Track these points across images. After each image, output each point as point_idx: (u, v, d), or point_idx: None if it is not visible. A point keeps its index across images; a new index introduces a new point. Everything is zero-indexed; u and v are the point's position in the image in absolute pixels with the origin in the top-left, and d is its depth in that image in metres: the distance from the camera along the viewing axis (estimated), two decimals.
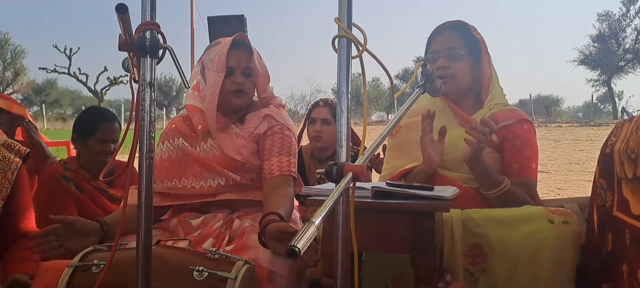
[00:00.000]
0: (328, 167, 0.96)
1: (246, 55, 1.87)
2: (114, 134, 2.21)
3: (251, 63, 1.88)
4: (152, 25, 0.94)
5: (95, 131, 2.16)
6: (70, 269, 1.40)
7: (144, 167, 0.97)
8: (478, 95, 1.95)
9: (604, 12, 32.26)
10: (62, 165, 2.21)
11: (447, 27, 1.92)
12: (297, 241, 0.75)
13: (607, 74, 32.21)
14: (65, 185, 2.14)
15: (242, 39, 1.88)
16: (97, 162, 2.20)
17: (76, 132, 2.22)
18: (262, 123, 1.89)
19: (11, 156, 1.73)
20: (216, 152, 1.85)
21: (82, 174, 2.19)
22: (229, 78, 1.85)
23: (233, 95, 1.87)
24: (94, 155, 2.18)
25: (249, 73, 1.88)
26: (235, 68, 1.85)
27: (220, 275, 1.33)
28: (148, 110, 0.96)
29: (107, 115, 2.23)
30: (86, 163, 2.21)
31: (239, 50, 1.86)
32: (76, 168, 2.20)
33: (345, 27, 0.98)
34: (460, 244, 1.52)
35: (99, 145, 2.17)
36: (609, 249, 1.42)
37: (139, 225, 1.02)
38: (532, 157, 1.82)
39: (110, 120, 2.21)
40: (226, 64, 1.83)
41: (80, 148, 2.22)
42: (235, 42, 1.86)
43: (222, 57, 1.82)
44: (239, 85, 1.85)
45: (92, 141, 2.17)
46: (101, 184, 2.21)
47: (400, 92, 1.21)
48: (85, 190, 2.17)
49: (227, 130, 1.88)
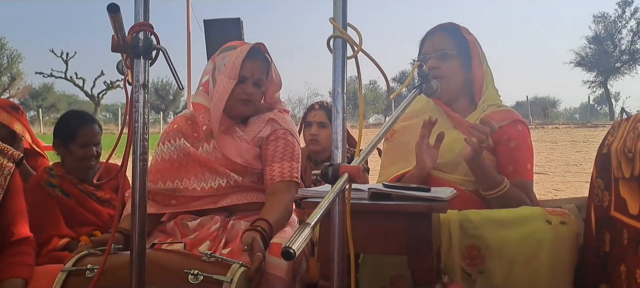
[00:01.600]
0: (324, 168, 0.95)
1: (261, 66, 1.86)
2: (94, 136, 2.19)
3: (264, 74, 1.88)
4: (145, 26, 0.93)
5: (76, 136, 2.14)
6: (64, 274, 1.39)
7: (138, 170, 0.96)
8: (471, 96, 1.95)
9: (600, 14, 32.36)
10: (47, 171, 2.19)
11: (438, 29, 1.92)
12: (292, 242, 0.75)
13: (604, 75, 32.28)
14: (52, 192, 2.12)
15: (260, 48, 1.87)
16: (81, 166, 2.18)
17: (57, 138, 2.19)
18: (265, 127, 1.88)
19: (4, 161, 1.72)
20: (218, 154, 1.83)
21: (68, 179, 2.17)
22: (240, 86, 1.82)
23: (241, 103, 1.85)
24: (77, 160, 2.16)
25: (260, 84, 1.87)
26: (248, 77, 1.83)
27: (215, 278, 1.32)
28: (141, 111, 0.95)
29: (85, 119, 2.21)
30: (71, 168, 2.19)
31: (254, 60, 1.84)
32: (61, 174, 2.18)
33: (340, 27, 0.98)
34: (457, 245, 1.51)
35: (81, 149, 2.15)
36: (606, 249, 1.42)
37: (133, 228, 1.01)
38: (527, 158, 1.81)
39: (89, 123, 2.18)
40: (240, 71, 1.80)
41: (63, 154, 2.20)
42: (252, 51, 1.83)
43: (237, 64, 1.79)
44: (248, 95, 1.84)
45: (73, 146, 2.15)
46: (88, 187, 2.20)
47: (396, 93, 1.21)
48: (72, 195, 2.15)
49: (231, 132, 1.87)
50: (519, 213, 1.54)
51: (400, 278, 1.65)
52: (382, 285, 1.66)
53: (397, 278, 1.64)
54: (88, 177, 2.21)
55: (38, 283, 1.64)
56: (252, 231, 1.51)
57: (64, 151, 2.18)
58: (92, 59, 74.72)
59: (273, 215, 1.64)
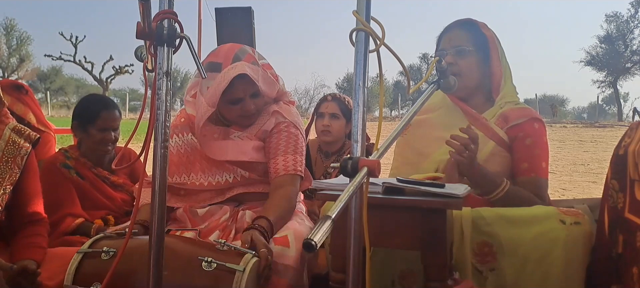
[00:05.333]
0: (343, 161, 0.96)
1: (252, 81, 1.76)
2: (114, 122, 2.18)
3: (257, 88, 1.78)
4: (169, 14, 0.94)
5: (97, 120, 2.14)
6: (79, 255, 1.41)
7: (159, 156, 0.97)
8: (488, 93, 1.94)
9: (612, 13, 32.02)
10: (62, 153, 2.20)
11: (456, 25, 1.91)
12: (313, 235, 0.75)
13: (614, 75, 32.03)
14: (67, 173, 2.13)
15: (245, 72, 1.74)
16: (98, 150, 2.18)
17: (77, 120, 2.19)
18: (269, 119, 1.87)
19: (21, 141, 1.73)
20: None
21: (82, 162, 2.18)
22: (237, 106, 1.79)
23: (244, 119, 1.84)
24: (95, 143, 2.16)
25: (257, 95, 1.81)
26: (242, 98, 1.78)
27: (228, 266, 1.33)
28: (164, 99, 0.96)
29: (108, 104, 2.20)
30: (87, 151, 2.19)
31: (243, 79, 1.75)
32: (77, 157, 2.18)
33: (363, 20, 0.98)
34: (469, 242, 1.52)
35: (100, 133, 2.15)
36: (619, 251, 1.42)
37: (152, 213, 1.02)
38: (543, 156, 1.81)
39: (111, 108, 2.18)
40: (233, 95, 1.76)
41: (81, 136, 2.20)
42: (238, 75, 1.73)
43: (217, 93, 1.72)
44: (249, 111, 1.81)
45: (93, 129, 2.15)
46: (102, 171, 2.20)
47: (415, 87, 1.20)
48: (87, 178, 2.16)
49: (228, 136, 1.85)
50: (533, 212, 1.54)
51: (410, 273, 1.65)
52: (391, 279, 1.67)
53: (407, 273, 1.65)
54: (103, 161, 2.22)
55: (50, 265, 1.65)
56: (250, 230, 1.51)
57: (82, 134, 2.18)
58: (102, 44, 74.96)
59: (275, 211, 1.63)
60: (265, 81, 1.82)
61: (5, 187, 1.66)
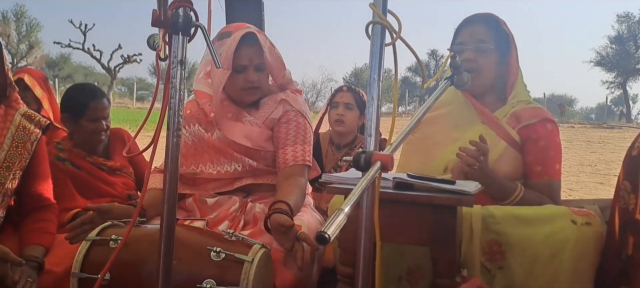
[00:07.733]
0: (356, 155, 0.95)
1: (259, 50, 1.81)
2: (104, 111, 2.16)
3: (263, 58, 1.82)
4: (185, 2, 0.93)
5: (86, 111, 2.11)
6: (87, 243, 1.41)
7: (171, 145, 0.97)
8: (502, 91, 1.91)
9: (624, 14, 31.68)
10: (55, 146, 2.18)
11: (478, 19, 1.87)
12: (327, 227, 0.75)
13: (623, 76, 31.74)
14: (61, 165, 2.12)
15: (253, 33, 1.82)
16: (91, 140, 2.17)
17: (66, 113, 2.17)
18: (277, 108, 1.87)
19: (31, 127, 1.74)
20: (229, 140, 1.84)
21: (76, 152, 2.16)
22: (242, 75, 1.80)
23: (247, 91, 1.84)
24: (88, 134, 2.14)
25: (261, 67, 1.83)
26: (247, 65, 1.80)
27: (237, 257, 1.33)
28: (178, 88, 0.96)
29: (95, 93, 2.17)
30: (80, 142, 2.18)
31: (250, 46, 1.79)
32: (70, 148, 2.17)
33: (380, 13, 0.97)
34: (478, 240, 1.51)
35: (91, 124, 2.13)
36: (629, 252, 1.40)
37: (163, 202, 1.02)
38: (556, 157, 1.78)
39: (99, 97, 2.16)
40: (237, 61, 1.78)
41: (73, 128, 2.18)
42: (245, 37, 1.79)
43: (230, 54, 1.76)
44: (252, 82, 1.82)
45: (83, 121, 2.13)
46: (97, 159, 2.19)
47: (430, 82, 1.19)
48: (83, 168, 2.15)
49: (240, 118, 1.86)
50: (544, 212, 1.53)
51: (418, 269, 1.65)
52: (399, 275, 1.66)
53: (415, 269, 1.64)
54: (97, 149, 2.22)
55: (58, 251, 1.66)
56: (277, 214, 1.49)
57: (74, 126, 2.17)
58: (111, 32, 75.16)
59: (292, 198, 1.63)
60: (271, 54, 1.84)
61: (15, 172, 1.67)
